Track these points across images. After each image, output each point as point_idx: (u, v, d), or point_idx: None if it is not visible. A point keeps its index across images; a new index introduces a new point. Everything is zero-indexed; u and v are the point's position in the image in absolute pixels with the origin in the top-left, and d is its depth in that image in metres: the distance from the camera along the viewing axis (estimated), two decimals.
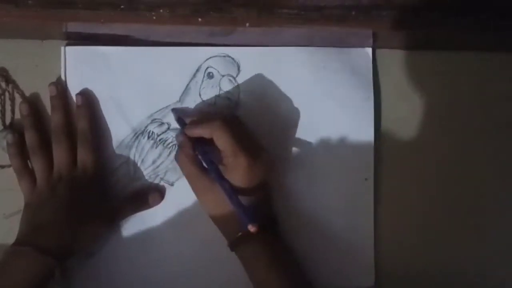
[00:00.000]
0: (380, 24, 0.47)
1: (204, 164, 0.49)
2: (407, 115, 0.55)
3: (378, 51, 0.54)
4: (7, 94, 0.53)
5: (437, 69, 0.55)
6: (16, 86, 0.53)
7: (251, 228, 0.45)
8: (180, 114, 0.52)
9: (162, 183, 0.53)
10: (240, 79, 0.53)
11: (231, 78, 0.53)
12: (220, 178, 0.47)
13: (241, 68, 0.53)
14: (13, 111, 0.53)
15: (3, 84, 0.53)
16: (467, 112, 0.55)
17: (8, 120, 0.53)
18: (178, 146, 0.51)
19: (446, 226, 0.54)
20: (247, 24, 0.46)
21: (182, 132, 0.50)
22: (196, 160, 0.49)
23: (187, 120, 0.51)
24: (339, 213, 0.53)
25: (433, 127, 0.55)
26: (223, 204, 0.47)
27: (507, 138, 0.55)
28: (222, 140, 0.47)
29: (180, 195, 0.53)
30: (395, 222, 0.54)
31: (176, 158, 0.51)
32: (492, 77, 0.55)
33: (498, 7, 0.47)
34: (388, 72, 0.54)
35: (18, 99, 0.53)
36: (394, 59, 0.54)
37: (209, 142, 0.48)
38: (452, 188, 0.54)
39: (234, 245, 0.48)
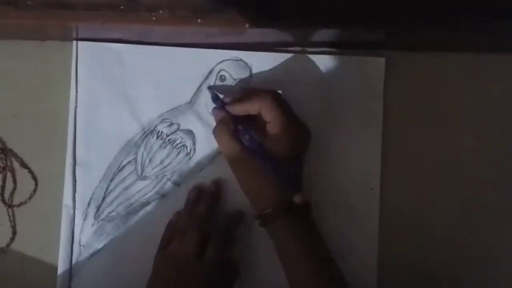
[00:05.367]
0: (380, 26, 0.47)
1: (244, 141, 0.48)
2: (408, 117, 0.54)
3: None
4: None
5: (437, 70, 0.55)
6: (14, 154, 0.53)
7: (298, 199, 0.47)
8: (217, 91, 0.51)
9: (168, 183, 0.53)
10: (252, 84, 0.53)
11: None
12: (262, 152, 0.48)
13: (253, 73, 0.53)
14: (14, 182, 0.53)
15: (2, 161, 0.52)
16: (467, 112, 0.55)
17: (8, 192, 0.53)
18: (218, 121, 0.51)
19: (450, 230, 0.54)
20: (247, 25, 0.46)
21: (219, 108, 0.50)
22: (235, 135, 0.49)
23: (225, 99, 0.50)
24: (344, 221, 0.53)
25: (433, 128, 0.55)
26: (258, 178, 0.48)
27: (507, 138, 0.55)
28: (273, 112, 0.47)
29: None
30: (399, 229, 0.54)
31: (214, 132, 0.50)
32: (492, 77, 0.55)
33: (498, 8, 0.46)
34: (388, 74, 0.54)
35: (18, 168, 0.53)
36: (395, 61, 0.54)
37: (249, 119, 0.49)
38: (454, 190, 0.54)
39: (267, 219, 0.48)
